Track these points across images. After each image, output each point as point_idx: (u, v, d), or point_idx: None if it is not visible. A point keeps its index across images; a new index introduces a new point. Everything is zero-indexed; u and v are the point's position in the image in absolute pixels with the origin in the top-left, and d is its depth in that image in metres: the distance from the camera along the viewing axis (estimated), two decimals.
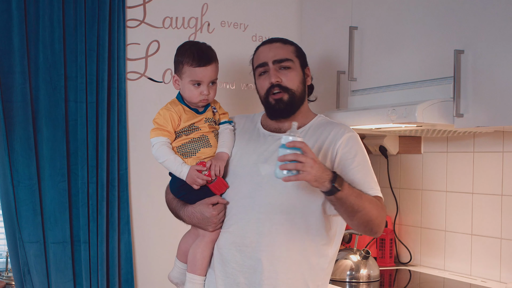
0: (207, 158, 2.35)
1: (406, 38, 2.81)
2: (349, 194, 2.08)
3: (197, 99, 2.35)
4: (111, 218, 3.08)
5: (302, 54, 2.42)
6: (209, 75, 2.34)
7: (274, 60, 2.33)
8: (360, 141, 2.32)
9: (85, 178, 3.02)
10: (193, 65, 2.33)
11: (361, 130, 3.16)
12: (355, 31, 3.07)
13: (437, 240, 3.19)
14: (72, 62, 3.01)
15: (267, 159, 2.31)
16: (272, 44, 2.39)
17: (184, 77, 2.35)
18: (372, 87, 3.00)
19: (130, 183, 3.18)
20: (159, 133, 2.34)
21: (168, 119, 2.33)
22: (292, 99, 2.34)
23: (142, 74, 3.22)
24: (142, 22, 3.22)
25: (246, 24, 3.47)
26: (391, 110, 2.60)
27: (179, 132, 2.35)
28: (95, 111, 3.03)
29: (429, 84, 2.68)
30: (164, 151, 2.32)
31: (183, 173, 2.29)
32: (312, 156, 2.02)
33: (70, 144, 3.02)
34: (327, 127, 2.34)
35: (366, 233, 2.27)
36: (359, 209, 2.11)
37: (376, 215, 2.16)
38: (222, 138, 2.41)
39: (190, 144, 2.35)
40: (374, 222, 2.17)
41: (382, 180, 3.53)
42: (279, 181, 2.09)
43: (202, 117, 2.38)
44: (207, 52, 2.37)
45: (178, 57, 2.38)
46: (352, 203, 2.09)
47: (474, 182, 3.01)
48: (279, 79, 2.32)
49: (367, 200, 2.15)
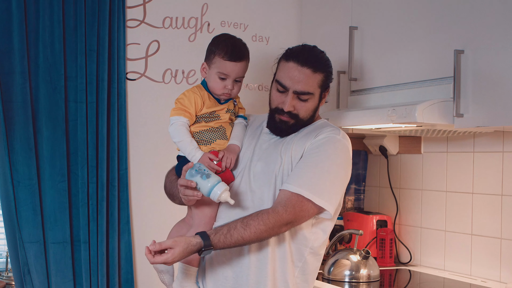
0: (220, 149, 2.37)
1: (406, 38, 2.81)
2: (228, 243, 2.11)
3: (220, 91, 2.38)
4: (111, 218, 3.08)
5: (328, 80, 2.35)
6: (237, 71, 2.36)
7: (295, 91, 2.28)
8: (338, 146, 2.27)
9: (85, 178, 3.02)
10: (224, 58, 2.34)
11: (361, 130, 3.16)
12: (355, 31, 3.07)
13: (437, 240, 3.19)
14: (72, 62, 3.01)
15: (260, 157, 2.35)
16: (302, 69, 2.27)
17: (213, 67, 2.37)
18: (372, 87, 3.00)
19: (130, 183, 3.18)
20: (180, 113, 2.34)
21: (193, 101, 2.34)
22: (297, 124, 2.34)
23: (142, 74, 3.22)
24: (142, 22, 3.22)
25: (246, 24, 3.47)
26: (391, 110, 2.60)
27: (199, 117, 2.36)
28: (95, 111, 3.03)
29: (429, 84, 2.67)
30: (181, 131, 2.32)
31: (196, 157, 2.29)
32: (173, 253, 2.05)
33: (70, 144, 3.02)
34: (318, 129, 2.34)
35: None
36: (245, 243, 2.15)
37: (264, 230, 2.14)
38: (235, 131, 2.44)
39: (208, 133, 2.37)
40: (265, 236, 2.18)
41: (382, 180, 3.53)
42: (268, 179, 2.15)
43: (224, 107, 2.40)
44: (241, 48, 2.39)
45: (212, 46, 2.39)
46: (235, 243, 2.13)
47: (474, 182, 3.01)
48: (292, 108, 2.30)
49: (254, 226, 2.13)
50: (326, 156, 2.25)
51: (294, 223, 2.21)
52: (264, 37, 3.50)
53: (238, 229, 2.12)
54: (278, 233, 2.20)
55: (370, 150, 3.59)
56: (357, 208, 3.66)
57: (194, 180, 2.15)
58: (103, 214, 3.04)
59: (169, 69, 3.28)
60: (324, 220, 2.32)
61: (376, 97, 2.94)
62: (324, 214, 2.26)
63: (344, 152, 2.29)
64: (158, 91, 3.25)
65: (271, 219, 2.14)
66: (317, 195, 2.20)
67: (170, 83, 3.28)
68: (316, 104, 2.35)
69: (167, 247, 2.05)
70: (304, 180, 2.21)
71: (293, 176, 2.23)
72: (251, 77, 3.40)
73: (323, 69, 2.32)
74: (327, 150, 2.25)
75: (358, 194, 3.65)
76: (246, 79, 3.37)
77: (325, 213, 2.25)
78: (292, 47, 2.35)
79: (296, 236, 2.29)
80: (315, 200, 2.20)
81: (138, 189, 3.21)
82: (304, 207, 2.20)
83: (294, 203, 2.18)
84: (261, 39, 3.48)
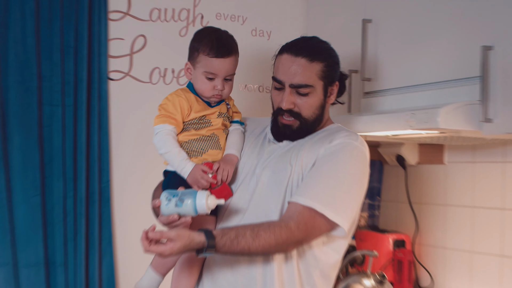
0: (213, 161, 2.36)
1: (427, 33, 2.81)
2: (232, 249, 2.10)
3: (209, 93, 2.38)
4: (91, 237, 3.09)
5: (330, 70, 2.37)
6: (226, 68, 2.36)
7: (291, 84, 2.31)
8: (356, 154, 2.29)
9: (61, 191, 3.03)
10: (210, 55, 2.34)
11: (376, 137, 3.16)
12: (369, 24, 3.07)
13: (462, 262, 3.19)
14: (46, 59, 3.02)
15: (266, 165, 2.35)
16: (296, 59, 2.31)
17: (198, 67, 2.37)
18: (388, 88, 3.01)
19: (112, 197, 3.19)
20: (165, 120, 2.33)
21: (178, 106, 2.34)
22: (303, 127, 2.36)
23: (126, 74, 3.24)
24: (127, 14, 3.23)
25: (245, 16, 3.48)
26: (410, 114, 2.59)
27: (188, 124, 2.36)
28: (72, 116, 3.05)
29: (453, 85, 2.67)
30: (168, 141, 2.32)
31: (186, 170, 2.28)
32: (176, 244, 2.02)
33: (44, 153, 3.03)
34: (333, 133, 2.35)
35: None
36: (250, 254, 2.16)
37: (273, 244, 2.14)
38: (232, 138, 2.44)
39: (198, 143, 2.36)
40: (272, 252, 2.19)
41: (400, 194, 3.53)
42: (276, 190, 2.15)
43: (215, 111, 2.41)
44: (228, 41, 2.39)
45: (194, 43, 2.40)
46: (239, 252, 2.13)
47: (505, 196, 3.01)
48: (292, 105, 2.32)
49: (264, 239, 2.13)
50: (342, 165, 2.26)
51: (303, 242, 2.22)
52: (265, 31, 3.51)
53: (247, 238, 2.11)
54: (285, 251, 2.21)
55: (386, 160, 3.59)
56: (371, 226, 3.66)
57: (173, 212, 2.15)
58: (82, 233, 3.04)
59: (157, 68, 3.29)
60: (338, 239, 2.31)
61: (393, 99, 2.95)
62: (338, 231, 2.25)
63: (362, 161, 2.30)
64: (145, 93, 3.26)
65: (283, 235, 2.14)
66: (332, 209, 2.20)
67: (159, 83, 3.29)
68: (321, 100, 2.36)
69: (168, 238, 2.03)
70: (316, 192, 2.21)
71: (304, 187, 2.24)
72: (250, 77, 3.41)
73: (323, 57, 2.34)
74: (343, 158, 2.26)
75: (373, 210, 3.65)
76: (245, 79, 3.37)
77: (339, 230, 2.25)
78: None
79: (305, 256, 2.29)
80: (329, 215, 2.19)
81: (122, 205, 3.22)
82: (316, 223, 2.21)
83: (306, 219, 2.18)
84: (261, 33, 3.48)
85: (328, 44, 2.40)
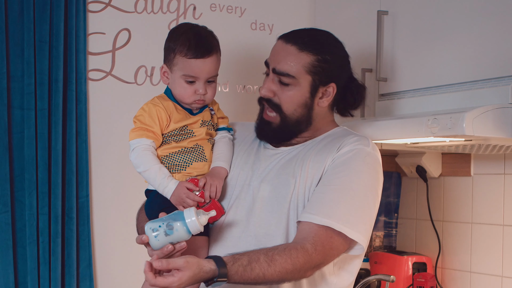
0: (199, 175, 2.36)
1: (451, 26, 2.81)
2: (245, 277, 2.09)
3: (190, 99, 2.38)
4: (68, 260, 3.08)
5: (324, 68, 2.38)
6: (207, 70, 2.36)
7: (274, 69, 2.36)
8: (369, 162, 2.31)
9: (34, 208, 3.02)
10: (187, 56, 2.34)
11: (393, 146, 3.17)
12: (384, 16, 3.09)
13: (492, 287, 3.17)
14: (16, 57, 3.03)
15: (264, 178, 2.36)
16: (286, 46, 2.37)
17: (175, 70, 2.38)
18: (407, 90, 3.02)
19: (92, 214, 3.18)
20: (142, 134, 2.33)
21: (155, 116, 2.34)
22: (283, 126, 2.38)
23: (108, 73, 3.24)
24: (108, 5, 3.23)
25: (244, 7, 3.49)
26: (432, 119, 2.60)
27: (167, 136, 2.36)
28: (47, 121, 3.04)
29: (481, 86, 2.68)
30: (146, 157, 2.31)
31: (168, 190, 2.28)
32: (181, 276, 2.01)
33: (14, 163, 3.03)
34: (339, 139, 2.35)
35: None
36: (265, 282, 2.13)
37: (290, 270, 2.14)
38: (219, 148, 2.45)
39: (180, 156, 2.36)
40: (288, 279, 2.18)
41: (420, 211, 3.53)
42: (278, 208, 2.21)
43: (197, 119, 2.41)
44: (207, 39, 2.40)
45: (169, 43, 2.41)
46: (253, 280, 2.11)
47: None
48: (271, 93, 2.37)
49: (280, 264, 2.12)
50: (356, 176, 2.27)
51: (321, 265, 2.23)
52: (266, 24, 3.52)
53: (261, 263, 2.10)
54: (303, 277, 2.20)
55: (404, 172, 3.61)
56: (388, 247, 3.68)
57: (166, 243, 2.13)
58: (57, 255, 3.03)
59: (143, 66, 3.29)
60: (351, 258, 2.33)
61: (412, 102, 2.96)
62: (354, 249, 2.28)
63: (376, 169, 2.32)
64: (129, 95, 3.26)
65: (300, 259, 2.14)
66: (350, 227, 2.20)
67: (145, 84, 3.30)
68: (305, 97, 2.37)
69: (175, 268, 2.01)
70: (331, 209, 2.21)
71: (316, 204, 2.23)
72: (250, 76, 3.42)
73: (316, 50, 2.36)
74: (355, 168, 2.28)
75: (389, 228, 3.67)
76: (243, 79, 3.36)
77: (356, 248, 2.27)
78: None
79: (314, 280, 2.29)
80: (347, 232, 2.20)
81: (103, 223, 3.22)
82: (334, 243, 2.22)
83: (323, 240, 2.19)
84: (262, 27, 3.50)
85: (332, 39, 2.44)
